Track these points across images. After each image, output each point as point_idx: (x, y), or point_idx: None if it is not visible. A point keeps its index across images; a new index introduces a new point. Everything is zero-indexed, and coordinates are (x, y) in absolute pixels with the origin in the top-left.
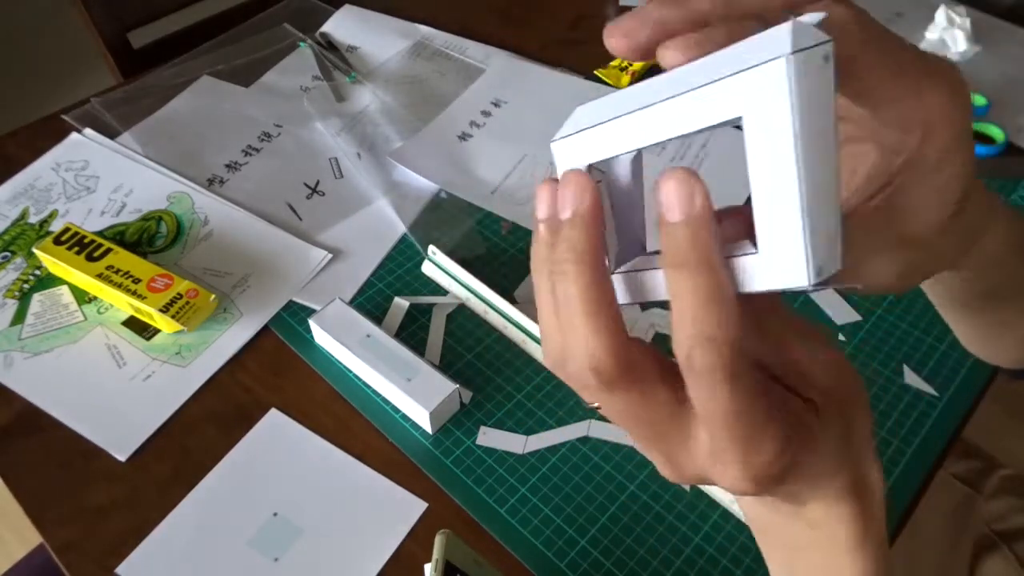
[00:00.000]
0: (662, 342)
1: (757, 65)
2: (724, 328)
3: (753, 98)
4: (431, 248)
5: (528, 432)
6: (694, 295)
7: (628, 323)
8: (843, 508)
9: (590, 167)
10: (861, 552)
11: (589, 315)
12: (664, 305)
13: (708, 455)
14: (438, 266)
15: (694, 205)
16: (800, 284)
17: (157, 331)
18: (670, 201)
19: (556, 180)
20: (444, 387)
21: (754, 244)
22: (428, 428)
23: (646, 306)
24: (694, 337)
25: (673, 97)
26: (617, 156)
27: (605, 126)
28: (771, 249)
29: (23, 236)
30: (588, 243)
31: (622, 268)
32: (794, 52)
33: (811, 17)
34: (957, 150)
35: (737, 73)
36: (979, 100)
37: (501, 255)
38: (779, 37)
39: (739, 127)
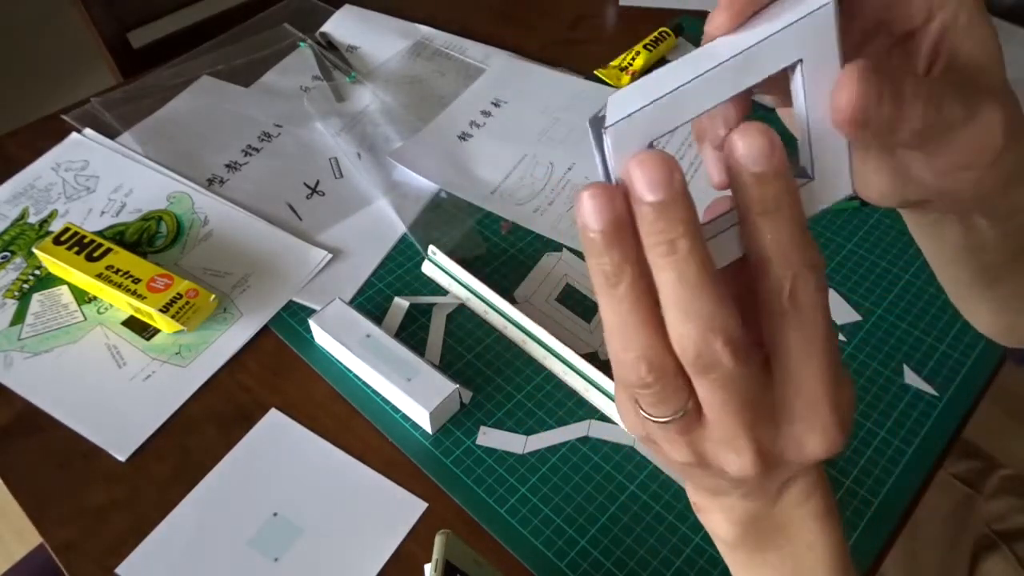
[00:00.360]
0: None
1: (811, 12)
2: (821, 256)
3: (809, 42)
4: (431, 248)
5: (528, 432)
6: (791, 230)
7: None
8: (814, 475)
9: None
10: (830, 518)
11: (714, 286)
12: None
13: (801, 419)
14: (438, 266)
15: (775, 158)
16: (847, 193)
17: (157, 331)
18: (753, 154)
19: (600, 185)
20: (444, 387)
21: (806, 175)
22: (428, 428)
23: None
24: (799, 266)
25: (733, 57)
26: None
27: (666, 99)
28: (825, 172)
29: (23, 236)
30: (693, 214)
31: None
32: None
33: None
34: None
35: (794, 23)
36: None
37: (501, 255)
38: None
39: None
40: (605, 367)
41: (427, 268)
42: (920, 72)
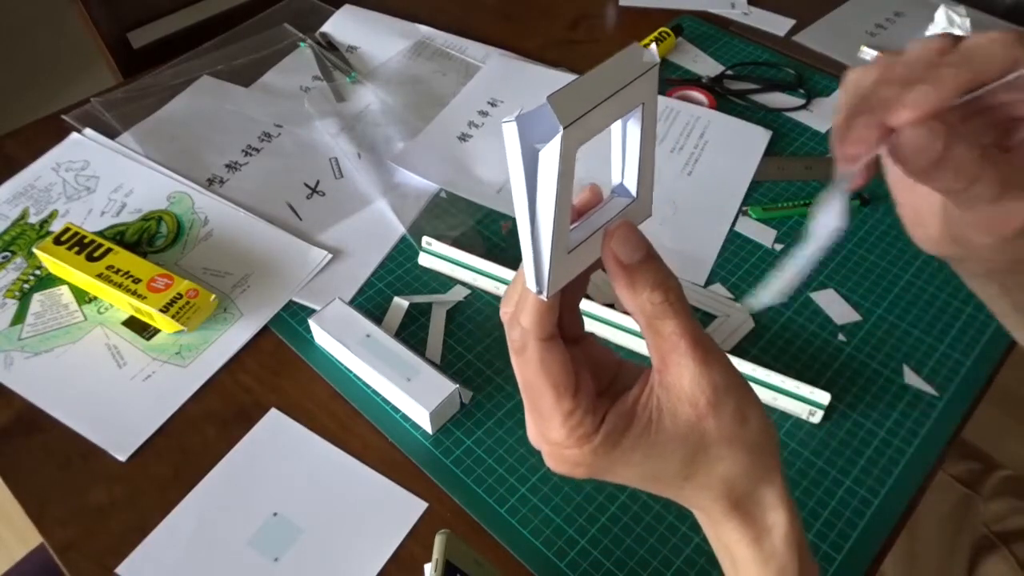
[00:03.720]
0: None
1: (649, 70)
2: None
3: (646, 90)
4: (425, 239)
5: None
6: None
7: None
8: (722, 507)
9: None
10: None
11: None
12: None
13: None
14: (436, 255)
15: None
16: (648, 215)
17: (157, 331)
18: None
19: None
20: (444, 387)
21: (629, 196)
22: (428, 428)
23: None
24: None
25: (617, 92)
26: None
27: (603, 106)
28: (645, 198)
29: (23, 236)
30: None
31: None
32: (657, 63)
33: None
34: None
35: (643, 75)
36: None
37: (501, 255)
38: (638, 54)
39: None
40: None
41: (424, 260)
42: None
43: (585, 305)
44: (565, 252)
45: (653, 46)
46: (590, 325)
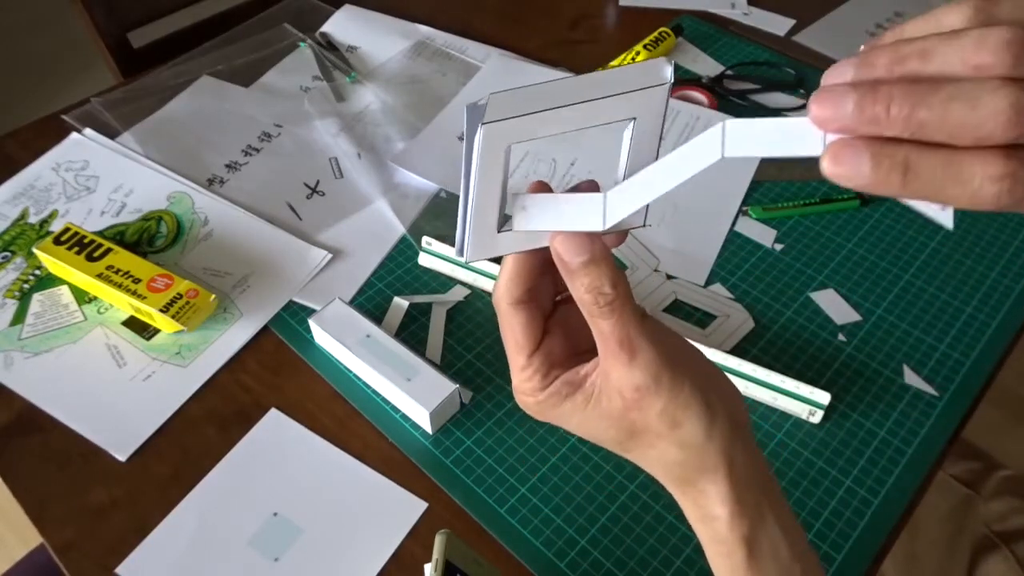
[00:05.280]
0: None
1: (651, 87)
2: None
3: (644, 107)
4: (425, 239)
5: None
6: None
7: (653, 287)
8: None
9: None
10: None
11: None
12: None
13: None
14: (436, 255)
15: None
16: (639, 224)
17: (157, 331)
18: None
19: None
20: (444, 387)
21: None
22: (428, 428)
23: (671, 276)
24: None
25: (588, 101)
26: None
27: (534, 116)
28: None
29: (23, 236)
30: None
31: (507, 227)
32: (668, 82)
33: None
34: None
35: (637, 90)
36: None
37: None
38: (659, 69)
39: (630, 120)
40: None
41: (424, 260)
42: None
43: None
44: (491, 230)
45: (669, 68)
46: None
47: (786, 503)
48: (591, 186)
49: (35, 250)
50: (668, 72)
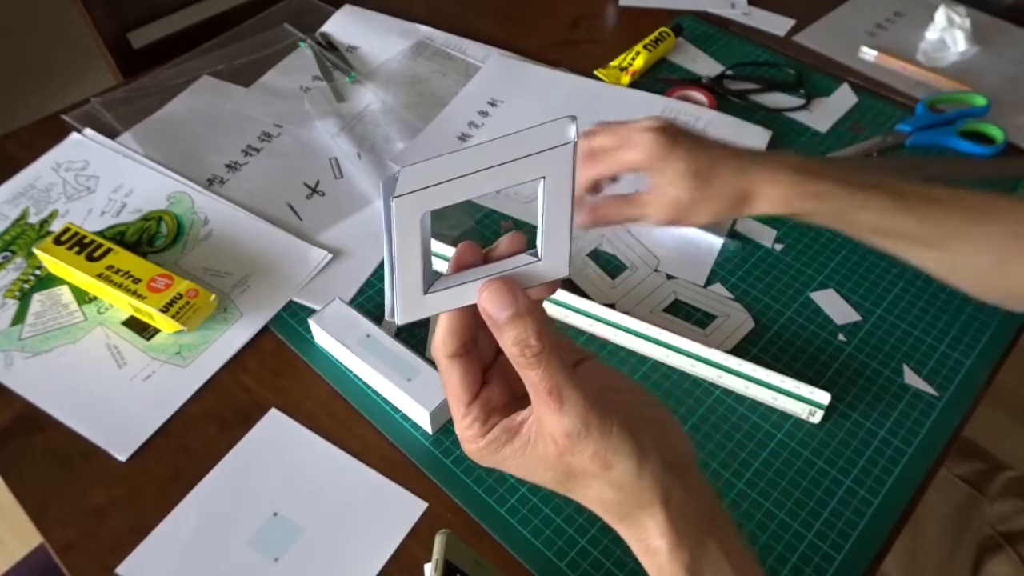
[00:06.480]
0: (679, 307)
1: (558, 146)
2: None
3: (552, 165)
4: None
5: None
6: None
7: (653, 287)
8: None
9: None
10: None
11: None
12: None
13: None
14: (436, 255)
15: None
16: (565, 274)
17: (157, 331)
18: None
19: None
20: None
21: (535, 256)
22: (428, 428)
23: (671, 276)
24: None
25: (499, 165)
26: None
27: (444, 185)
28: (549, 256)
29: (23, 236)
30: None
31: (435, 288)
32: (572, 142)
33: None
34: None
35: (545, 150)
36: (979, 100)
37: None
38: (563, 129)
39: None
40: None
41: None
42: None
43: (585, 305)
44: (417, 291)
45: (573, 128)
46: (590, 325)
47: (735, 532)
48: (514, 241)
49: (35, 250)
50: (572, 132)
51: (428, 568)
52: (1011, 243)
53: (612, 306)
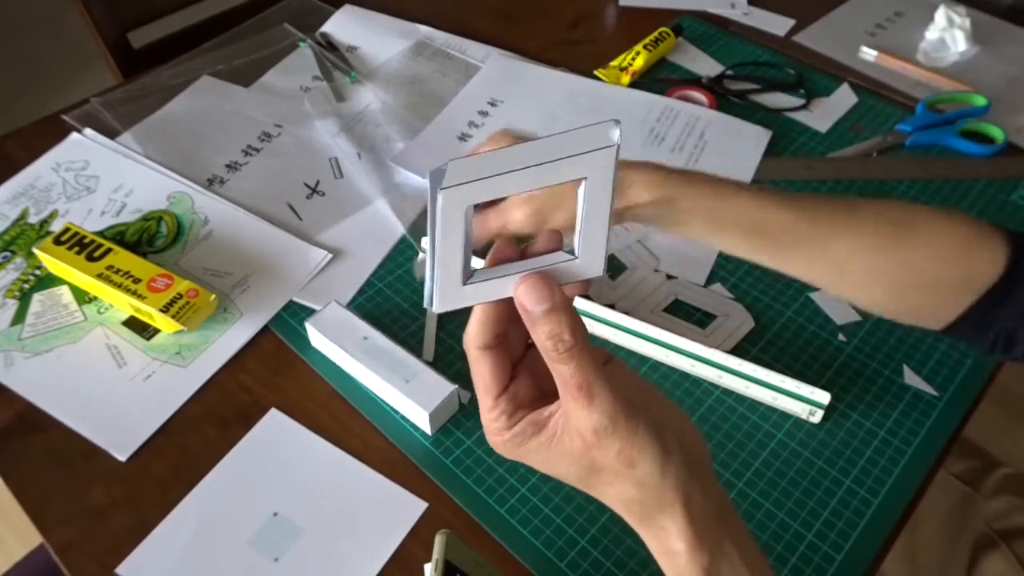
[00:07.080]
0: (679, 307)
1: (600, 148)
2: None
3: (594, 166)
4: (424, 240)
5: None
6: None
7: (653, 287)
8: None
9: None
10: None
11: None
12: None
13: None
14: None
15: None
16: (599, 272)
17: (157, 331)
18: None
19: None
20: (443, 388)
21: (572, 254)
22: (428, 430)
23: (671, 276)
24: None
25: (542, 164)
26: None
27: (493, 179)
28: (586, 255)
29: (23, 236)
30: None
31: (473, 279)
32: (616, 144)
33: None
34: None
35: (588, 152)
36: (979, 100)
37: None
38: (607, 131)
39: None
40: None
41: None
42: None
43: (586, 306)
44: (456, 283)
45: (617, 131)
46: (590, 326)
47: (747, 534)
48: (552, 238)
49: (35, 250)
50: (616, 135)
51: (428, 568)
52: (887, 228)
53: (612, 306)
